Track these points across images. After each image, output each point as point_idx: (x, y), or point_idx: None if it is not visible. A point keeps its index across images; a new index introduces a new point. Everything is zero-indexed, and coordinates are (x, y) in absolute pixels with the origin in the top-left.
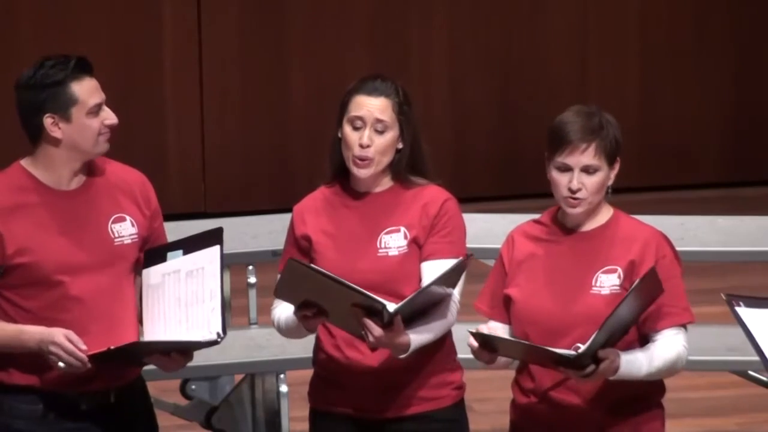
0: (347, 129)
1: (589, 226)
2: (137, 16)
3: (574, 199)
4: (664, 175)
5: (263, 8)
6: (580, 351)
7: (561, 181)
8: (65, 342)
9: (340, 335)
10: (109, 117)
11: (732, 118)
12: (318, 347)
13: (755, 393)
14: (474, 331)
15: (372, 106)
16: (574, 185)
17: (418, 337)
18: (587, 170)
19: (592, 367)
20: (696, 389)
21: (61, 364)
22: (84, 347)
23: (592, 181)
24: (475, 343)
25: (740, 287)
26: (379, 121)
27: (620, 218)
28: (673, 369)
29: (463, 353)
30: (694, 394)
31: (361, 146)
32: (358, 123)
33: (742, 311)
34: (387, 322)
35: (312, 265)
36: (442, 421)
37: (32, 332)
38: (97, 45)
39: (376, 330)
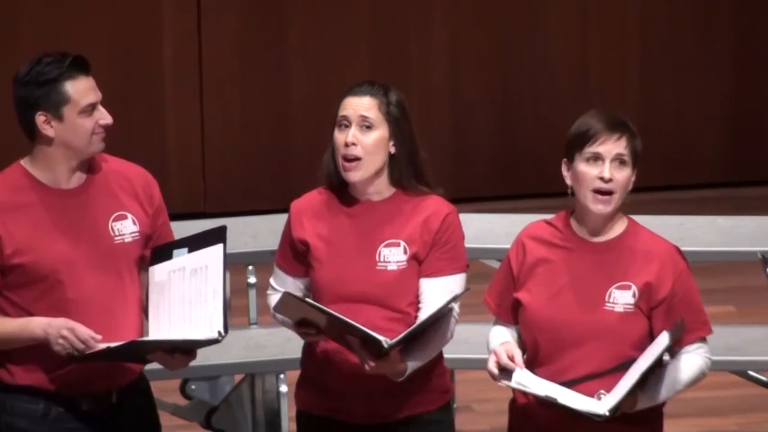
0: (335, 131)
1: (605, 236)
2: (137, 17)
3: (604, 193)
4: (664, 175)
5: (263, 8)
6: (609, 410)
7: (591, 172)
8: (80, 329)
9: (328, 339)
10: (103, 117)
11: (732, 118)
12: (306, 351)
13: (755, 393)
14: (505, 384)
15: (356, 104)
16: (607, 174)
17: (414, 363)
18: (619, 159)
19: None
20: (696, 389)
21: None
22: (99, 337)
23: (622, 175)
24: (495, 371)
25: (740, 287)
26: (364, 118)
27: (636, 230)
28: (696, 382)
29: (462, 354)
30: (694, 394)
31: (346, 144)
32: (344, 123)
33: None
34: (384, 353)
35: (307, 300)
36: (429, 423)
37: (39, 320)
38: (97, 45)
39: (371, 363)
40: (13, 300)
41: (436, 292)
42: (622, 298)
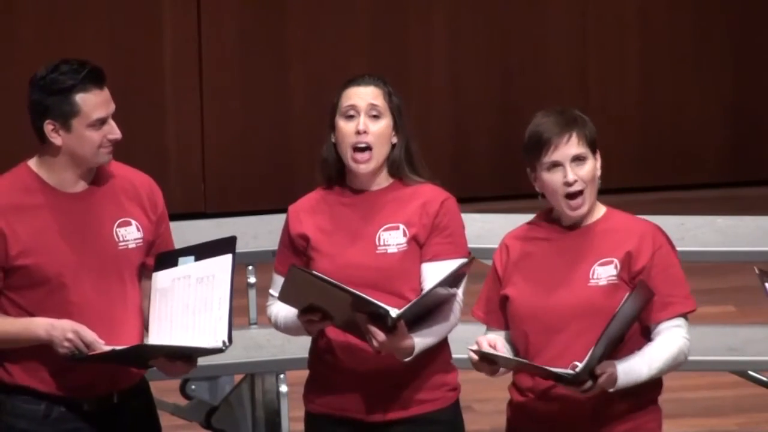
0: (341, 122)
1: (583, 222)
2: (137, 17)
3: (574, 196)
4: (664, 175)
5: (263, 8)
6: (577, 370)
7: (555, 179)
8: (86, 331)
9: (335, 338)
10: (112, 132)
11: (732, 118)
12: (313, 350)
13: (755, 393)
14: (474, 348)
15: (363, 93)
16: (570, 177)
17: (422, 340)
18: (577, 159)
19: (590, 383)
20: (696, 389)
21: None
22: (102, 341)
23: (584, 171)
24: (476, 357)
25: (740, 287)
26: (373, 106)
27: (613, 214)
28: (675, 364)
29: (459, 353)
30: (694, 394)
31: (358, 132)
32: (352, 112)
33: None
34: (390, 326)
35: (314, 272)
36: (438, 422)
37: (42, 321)
38: (98, 45)
39: (380, 335)
40: (16, 301)
41: (439, 276)
42: (605, 273)
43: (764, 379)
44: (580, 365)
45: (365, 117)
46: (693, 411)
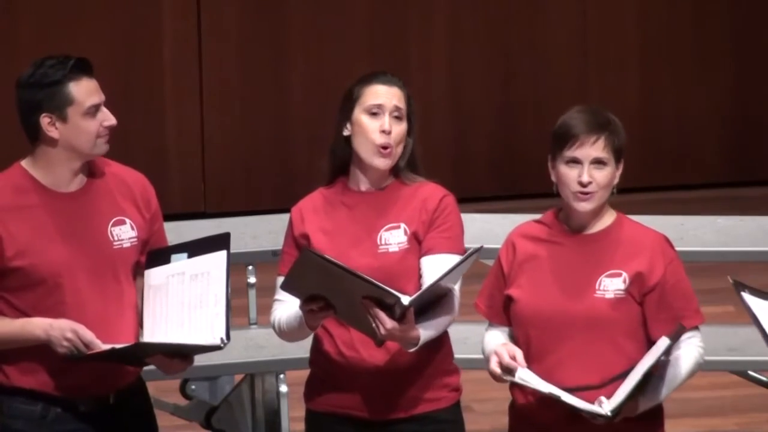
0: (364, 118)
1: (593, 228)
2: (137, 16)
3: (585, 193)
4: (664, 175)
5: (263, 8)
6: (611, 410)
7: (570, 175)
8: (84, 331)
9: (339, 336)
10: (107, 118)
11: (732, 118)
12: (315, 348)
13: (755, 393)
14: (509, 380)
15: (390, 93)
16: (585, 178)
17: (426, 332)
18: (597, 163)
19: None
20: (696, 389)
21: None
22: (99, 342)
23: (601, 175)
24: (498, 371)
25: None
26: (397, 108)
27: (624, 222)
28: (693, 374)
29: (461, 354)
30: (694, 394)
31: (384, 132)
32: (377, 110)
33: (747, 296)
34: (399, 316)
35: (326, 255)
36: (439, 422)
37: (40, 321)
38: (98, 45)
39: (388, 322)
40: (12, 302)
41: (438, 269)
42: (612, 285)
43: (764, 379)
44: (611, 404)
45: (390, 117)
46: (693, 411)
